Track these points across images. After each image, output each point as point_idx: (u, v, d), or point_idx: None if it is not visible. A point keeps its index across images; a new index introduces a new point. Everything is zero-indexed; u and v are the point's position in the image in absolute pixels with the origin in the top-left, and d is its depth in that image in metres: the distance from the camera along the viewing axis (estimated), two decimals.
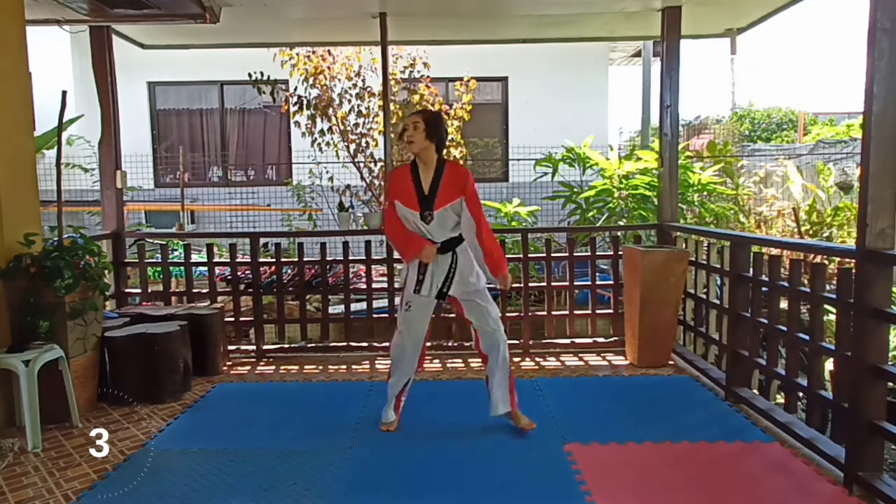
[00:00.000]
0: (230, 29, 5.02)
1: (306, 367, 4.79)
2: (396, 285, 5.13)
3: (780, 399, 3.70)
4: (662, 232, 5.10)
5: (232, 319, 5.11)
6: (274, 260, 5.18)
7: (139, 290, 5.19)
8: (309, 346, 5.14)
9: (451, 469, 3.04)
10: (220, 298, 5.17)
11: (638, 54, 11.51)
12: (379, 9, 4.77)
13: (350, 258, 5.06)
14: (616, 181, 6.47)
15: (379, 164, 7.13)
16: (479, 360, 3.57)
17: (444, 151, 3.49)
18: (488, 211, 4.57)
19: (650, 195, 6.06)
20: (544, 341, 5.10)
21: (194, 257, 5.59)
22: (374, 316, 5.12)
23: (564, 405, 3.83)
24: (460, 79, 7.80)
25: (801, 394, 3.36)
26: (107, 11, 4.39)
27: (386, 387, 3.58)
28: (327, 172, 7.52)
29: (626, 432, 3.39)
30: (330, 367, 4.79)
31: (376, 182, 7.23)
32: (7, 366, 3.30)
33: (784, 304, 3.45)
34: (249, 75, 6.80)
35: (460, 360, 4.88)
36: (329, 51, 7.26)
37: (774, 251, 3.75)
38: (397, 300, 5.14)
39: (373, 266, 5.12)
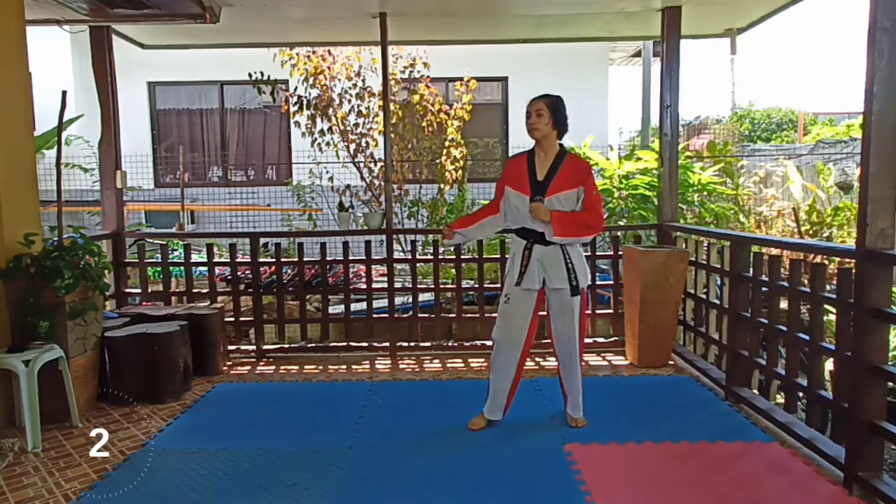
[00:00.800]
0: (230, 29, 5.03)
1: (306, 367, 4.79)
2: (397, 285, 5.15)
3: (780, 399, 3.70)
4: (662, 232, 5.10)
5: (232, 319, 5.11)
6: (274, 260, 5.18)
7: (139, 290, 5.19)
8: (309, 346, 5.14)
9: (451, 469, 3.04)
10: (220, 298, 5.17)
11: (638, 54, 11.51)
12: (379, 9, 4.77)
13: (350, 258, 5.06)
14: (616, 181, 6.47)
15: (379, 164, 7.12)
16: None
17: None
18: None
19: (650, 195, 6.06)
20: (544, 341, 5.07)
21: (194, 257, 5.59)
22: (374, 316, 5.12)
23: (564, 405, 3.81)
24: (460, 79, 7.78)
25: (801, 394, 3.36)
26: (107, 11, 4.39)
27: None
28: (327, 172, 7.50)
29: (625, 432, 3.40)
30: (330, 367, 4.79)
31: (376, 182, 7.21)
32: (7, 366, 3.30)
33: (784, 304, 3.45)
34: (249, 75, 6.79)
35: (460, 360, 4.88)
36: (329, 51, 7.25)
37: (774, 251, 3.75)
38: (398, 300, 5.18)
39: (373, 266, 5.12)
